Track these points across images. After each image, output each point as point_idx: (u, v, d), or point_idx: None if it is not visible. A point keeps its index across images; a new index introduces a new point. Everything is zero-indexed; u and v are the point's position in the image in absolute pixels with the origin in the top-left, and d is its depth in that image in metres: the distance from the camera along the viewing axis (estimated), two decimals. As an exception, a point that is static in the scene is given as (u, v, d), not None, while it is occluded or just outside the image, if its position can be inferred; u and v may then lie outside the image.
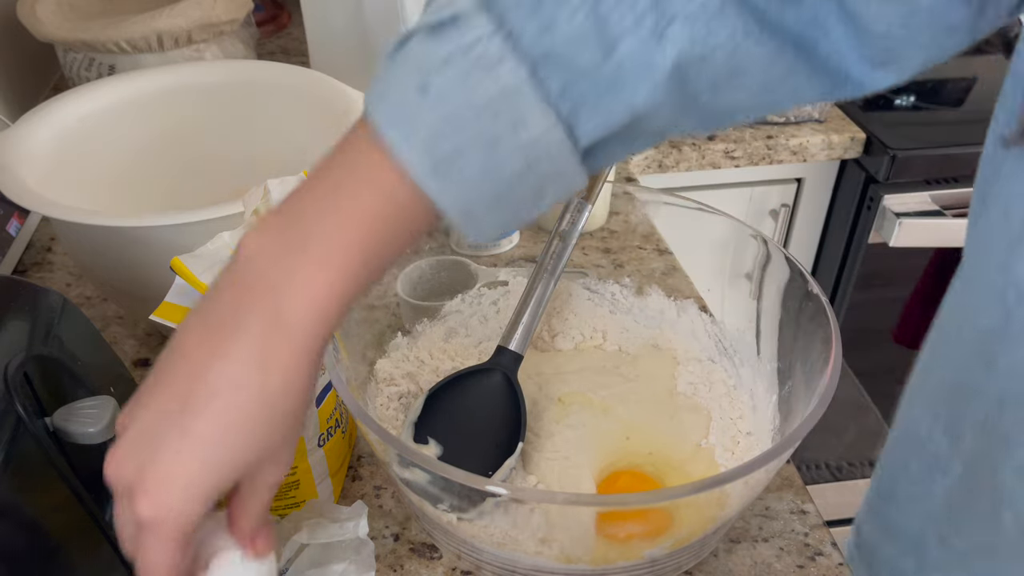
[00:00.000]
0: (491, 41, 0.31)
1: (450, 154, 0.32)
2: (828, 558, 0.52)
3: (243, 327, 0.33)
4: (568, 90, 0.31)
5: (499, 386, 0.56)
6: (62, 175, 0.65)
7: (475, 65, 0.31)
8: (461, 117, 0.31)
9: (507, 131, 0.32)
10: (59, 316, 0.44)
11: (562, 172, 0.33)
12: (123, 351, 0.68)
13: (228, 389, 0.33)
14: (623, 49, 0.31)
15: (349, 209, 0.34)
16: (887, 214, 1.06)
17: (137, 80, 0.74)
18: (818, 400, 0.46)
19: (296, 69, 0.75)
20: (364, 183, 0.34)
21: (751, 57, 0.32)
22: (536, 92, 0.31)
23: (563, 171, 0.33)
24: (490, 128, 0.32)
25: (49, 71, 1.07)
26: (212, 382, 0.33)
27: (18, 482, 0.37)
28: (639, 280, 0.67)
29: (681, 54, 0.31)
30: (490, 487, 0.43)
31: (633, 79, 0.31)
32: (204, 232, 0.49)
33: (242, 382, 0.33)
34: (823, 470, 1.33)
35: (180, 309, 0.45)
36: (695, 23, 0.31)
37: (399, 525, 0.54)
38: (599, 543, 0.47)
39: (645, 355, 0.63)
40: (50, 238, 0.81)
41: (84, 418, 0.40)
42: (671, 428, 0.57)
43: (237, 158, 0.75)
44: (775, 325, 0.57)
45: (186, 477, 0.33)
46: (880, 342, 1.21)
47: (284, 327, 0.33)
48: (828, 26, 0.32)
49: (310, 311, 0.33)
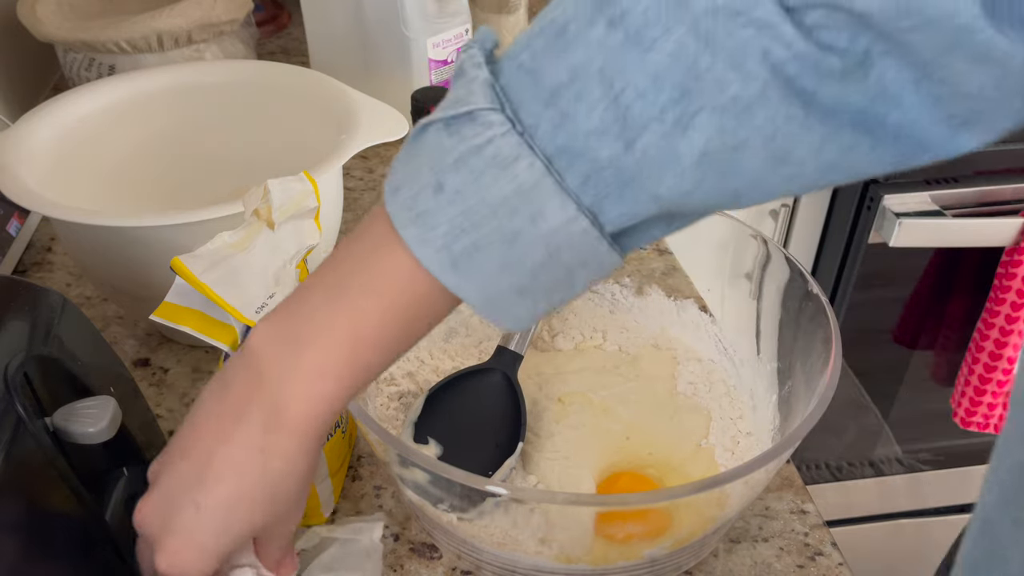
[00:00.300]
0: (505, 139, 0.31)
1: (468, 249, 0.32)
2: (828, 558, 0.52)
3: (246, 417, 0.36)
4: (590, 181, 0.31)
5: (499, 386, 0.56)
6: (62, 175, 0.65)
7: (489, 164, 0.31)
8: (477, 214, 0.31)
9: (526, 224, 0.31)
10: (59, 316, 0.44)
11: (590, 258, 0.33)
12: (123, 351, 0.68)
13: (233, 474, 0.36)
14: (645, 140, 0.30)
15: (356, 310, 0.35)
16: (887, 214, 1.06)
17: (137, 80, 0.74)
18: (818, 400, 0.46)
19: (296, 69, 0.75)
20: (379, 277, 0.34)
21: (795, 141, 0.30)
22: (555, 185, 0.31)
23: (591, 257, 0.33)
24: (508, 224, 0.31)
25: (49, 71, 1.07)
26: (218, 465, 0.36)
27: (18, 482, 0.37)
28: (639, 280, 0.67)
29: (709, 143, 0.30)
30: (490, 487, 0.43)
31: (657, 169, 0.30)
32: (204, 232, 0.49)
33: (245, 468, 0.36)
34: (823, 470, 1.33)
35: (180, 309, 0.45)
36: (724, 114, 0.29)
37: (399, 525, 0.54)
38: (599, 543, 0.47)
39: (645, 355, 0.63)
40: (50, 238, 0.81)
41: (84, 418, 0.40)
42: (671, 428, 0.57)
43: (237, 158, 0.75)
44: (775, 325, 0.57)
45: (200, 545, 0.37)
46: (880, 342, 1.21)
47: (282, 421, 0.36)
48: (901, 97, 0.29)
49: (308, 409, 0.36)
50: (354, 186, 0.88)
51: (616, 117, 0.30)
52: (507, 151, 0.31)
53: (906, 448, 1.32)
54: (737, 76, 0.28)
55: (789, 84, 0.28)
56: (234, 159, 0.75)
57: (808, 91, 0.29)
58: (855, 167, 0.31)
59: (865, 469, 1.34)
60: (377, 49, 0.90)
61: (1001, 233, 1.03)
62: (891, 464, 1.34)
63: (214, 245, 0.47)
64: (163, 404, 0.63)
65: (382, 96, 0.69)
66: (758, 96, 0.29)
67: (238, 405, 0.36)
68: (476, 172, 0.31)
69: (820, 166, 0.31)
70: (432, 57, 0.90)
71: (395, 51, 0.89)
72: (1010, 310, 1.05)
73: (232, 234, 0.48)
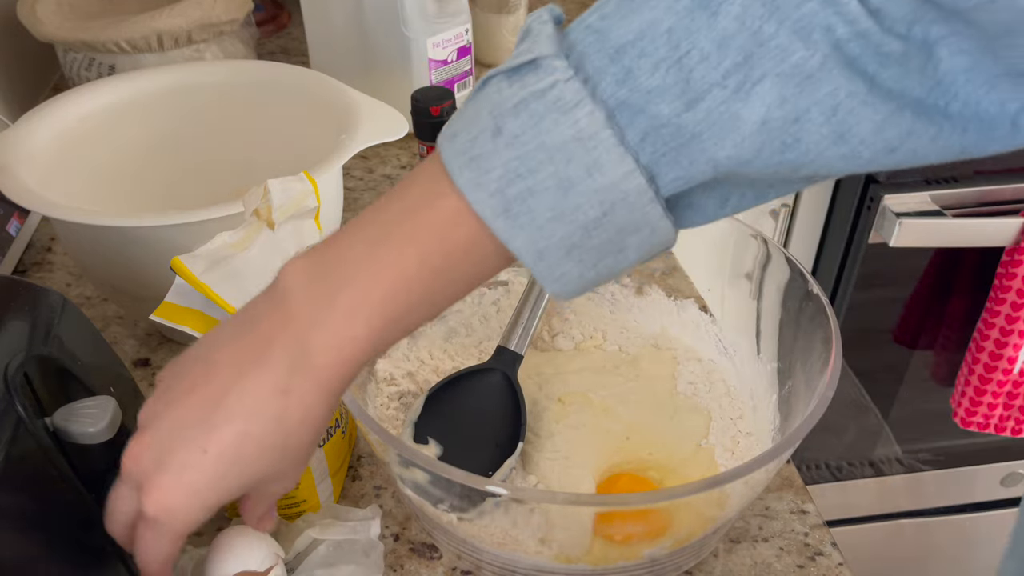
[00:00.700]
0: (568, 85, 0.31)
1: (522, 194, 0.32)
2: (828, 558, 0.52)
3: (270, 357, 0.34)
4: (648, 138, 0.31)
5: (499, 386, 0.56)
6: (62, 175, 0.65)
7: (551, 108, 0.31)
8: (534, 159, 0.31)
9: (581, 175, 0.31)
10: (59, 316, 0.44)
11: (643, 223, 0.32)
12: (123, 351, 0.68)
13: (247, 414, 0.34)
14: (707, 103, 0.30)
15: (397, 255, 0.34)
16: (887, 214, 1.06)
17: (137, 80, 0.74)
18: (818, 400, 0.46)
19: (296, 69, 0.75)
20: (424, 224, 0.34)
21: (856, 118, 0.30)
22: (614, 137, 0.31)
23: (644, 222, 0.32)
24: (564, 170, 0.31)
25: (49, 71, 1.07)
26: (233, 404, 0.34)
27: (18, 482, 0.37)
28: (639, 280, 0.67)
29: (770, 112, 0.30)
30: (490, 487, 0.43)
31: (717, 133, 0.30)
32: (204, 232, 0.49)
33: (262, 409, 0.34)
34: (823, 470, 1.33)
35: (180, 309, 0.45)
36: (786, 83, 0.29)
37: (399, 525, 0.54)
38: (599, 543, 0.47)
39: (645, 355, 0.63)
40: (50, 238, 0.81)
41: (84, 418, 0.40)
42: (671, 428, 0.57)
43: (237, 158, 0.75)
44: (775, 325, 0.57)
45: (195, 487, 0.34)
46: (880, 342, 1.21)
47: (309, 365, 0.34)
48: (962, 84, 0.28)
49: (337, 354, 0.34)
50: (354, 186, 0.88)
51: (679, 79, 0.30)
52: (569, 96, 0.31)
53: (906, 448, 1.32)
54: (801, 46, 0.29)
55: (851, 63, 0.29)
56: (234, 159, 0.75)
57: (869, 73, 0.29)
58: (918, 152, 0.31)
59: (865, 469, 1.34)
60: (377, 49, 0.90)
61: (1001, 233, 1.03)
62: (891, 464, 1.34)
63: (214, 245, 0.47)
64: (163, 404, 0.63)
65: (382, 96, 0.69)
66: (820, 67, 0.29)
67: (262, 343, 0.35)
68: (536, 116, 0.31)
69: (881, 147, 0.31)
70: (432, 57, 0.90)
71: (395, 51, 0.89)
72: (1010, 310, 1.05)
73: (232, 234, 0.48)
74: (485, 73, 0.33)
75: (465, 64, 0.94)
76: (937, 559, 1.46)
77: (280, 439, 0.35)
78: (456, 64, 0.93)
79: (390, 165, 0.92)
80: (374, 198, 0.87)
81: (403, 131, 0.65)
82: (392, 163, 0.92)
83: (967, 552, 1.43)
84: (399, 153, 0.93)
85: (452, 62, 0.92)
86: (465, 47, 0.93)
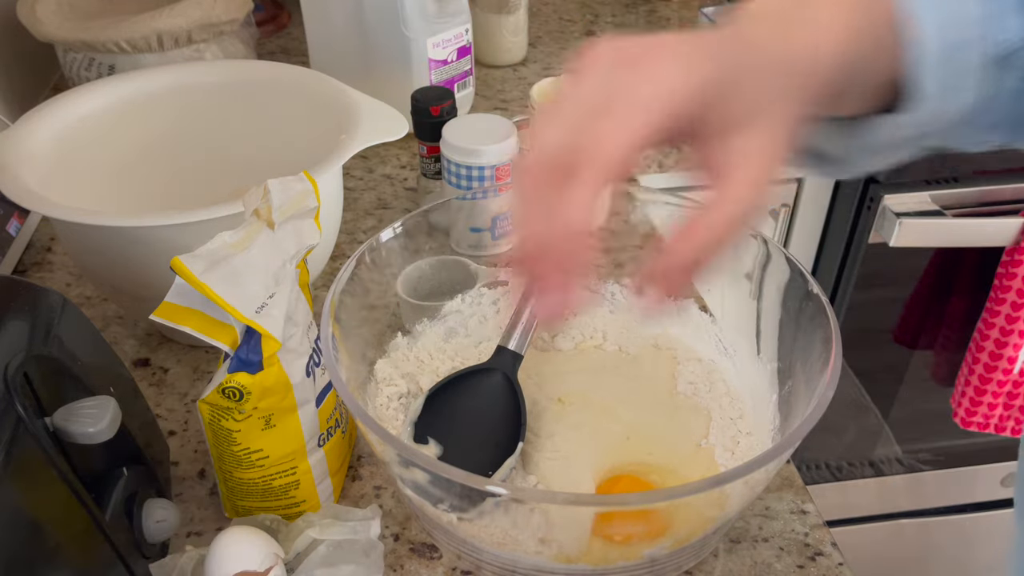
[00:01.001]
0: None
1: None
2: (828, 558, 0.52)
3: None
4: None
5: (499, 386, 0.56)
6: (62, 175, 0.65)
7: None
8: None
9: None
10: (59, 316, 0.44)
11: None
12: (123, 351, 0.68)
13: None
14: None
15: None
16: (887, 214, 1.06)
17: (137, 80, 0.74)
18: (818, 400, 0.46)
19: (296, 69, 0.75)
20: None
21: None
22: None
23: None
24: None
25: (49, 71, 1.07)
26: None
27: (18, 482, 0.37)
28: (639, 280, 0.66)
29: None
30: (490, 487, 0.43)
31: None
32: (204, 232, 0.49)
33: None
34: (823, 470, 1.33)
35: (180, 309, 0.45)
36: None
37: (399, 525, 0.54)
38: (599, 543, 0.47)
39: (645, 355, 0.63)
40: (50, 238, 0.81)
41: (84, 418, 0.40)
42: (671, 428, 0.57)
43: (237, 158, 0.75)
44: (775, 325, 0.57)
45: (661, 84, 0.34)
46: (880, 342, 1.21)
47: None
48: None
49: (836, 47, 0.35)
50: (354, 186, 0.88)
51: None
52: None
53: (906, 448, 1.32)
54: None
55: None
56: (234, 159, 0.75)
57: None
58: None
59: (865, 469, 1.34)
60: (377, 49, 0.90)
61: (1001, 233, 1.03)
62: (891, 464, 1.34)
63: (214, 245, 0.47)
64: (163, 404, 0.63)
65: (382, 96, 0.69)
66: None
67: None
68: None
69: None
70: (432, 57, 0.90)
71: (395, 51, 0.89)
72: (1010, 310, 1.05)
73: (232, 234, 0.48)
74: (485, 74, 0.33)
75: (465, 64, 0.94)
76: (937, 559, 1.46)
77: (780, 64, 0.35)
78: (456, 64, 0.93)
79: (390, 165, 0.92)
80: (374, 198, 0.87)
81: (403, 131, 0.65)
82: (392, 163, 0.92)
83: (967, 552, 1.43)
84: (399, 153, 0.93)
85: (452, 62, 0.92)
86: (465, 47, 0.93)
